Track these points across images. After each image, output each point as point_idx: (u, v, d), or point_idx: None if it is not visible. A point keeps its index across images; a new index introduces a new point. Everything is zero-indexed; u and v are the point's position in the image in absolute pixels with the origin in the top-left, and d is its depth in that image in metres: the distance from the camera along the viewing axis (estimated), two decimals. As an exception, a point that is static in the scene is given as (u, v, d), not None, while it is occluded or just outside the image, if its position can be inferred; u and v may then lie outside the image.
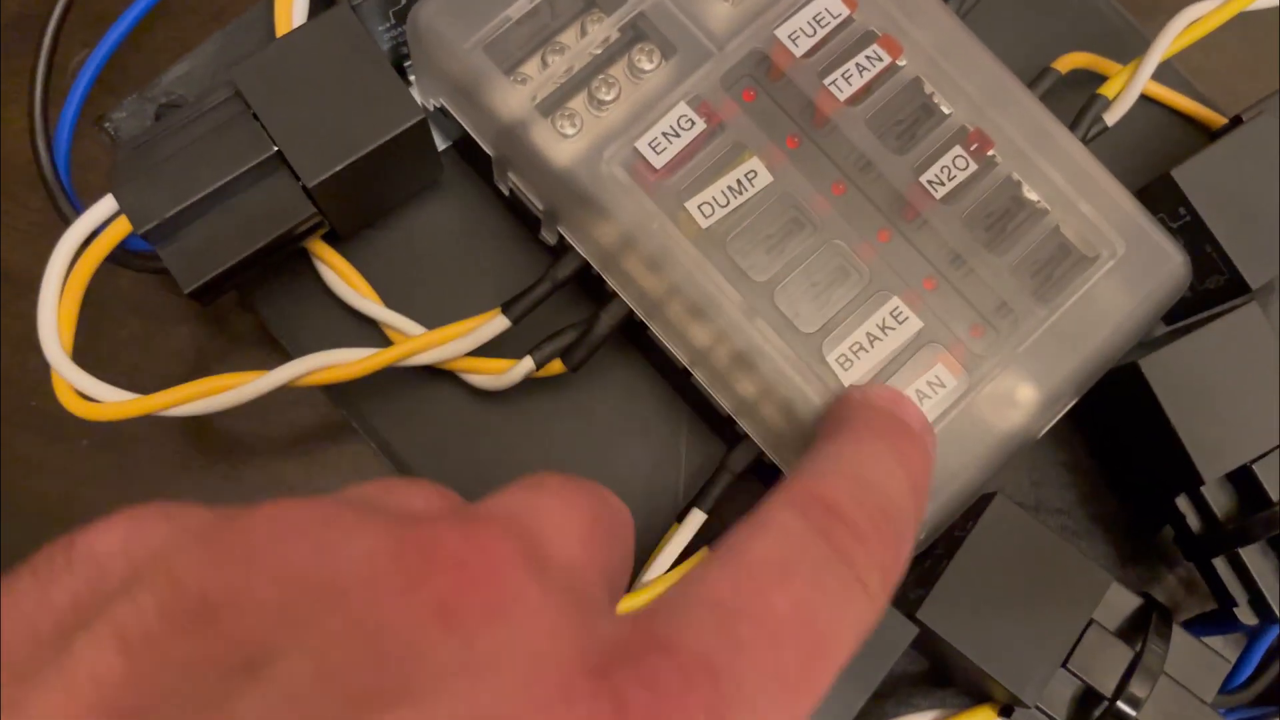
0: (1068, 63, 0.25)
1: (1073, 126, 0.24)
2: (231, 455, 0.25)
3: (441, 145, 0.24)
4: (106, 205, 0.20)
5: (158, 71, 0.25)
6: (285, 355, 0.24)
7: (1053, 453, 0.25)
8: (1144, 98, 0.25)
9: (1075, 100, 0.25)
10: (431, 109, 0.23)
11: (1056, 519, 0.24)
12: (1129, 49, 0.26)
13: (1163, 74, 0.25)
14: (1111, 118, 0.24)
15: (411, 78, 0.24)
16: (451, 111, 0.22)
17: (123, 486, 0.24)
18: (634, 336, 0.24)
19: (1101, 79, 0.25)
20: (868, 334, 0.21)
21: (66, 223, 0.21)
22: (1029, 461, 0.24)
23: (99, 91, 0.24)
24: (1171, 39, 0.24)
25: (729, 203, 0.21)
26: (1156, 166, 0.26)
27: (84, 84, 0.24)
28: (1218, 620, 0.23)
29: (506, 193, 0.23)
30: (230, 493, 0.24)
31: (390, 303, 0.24)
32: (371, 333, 0.24)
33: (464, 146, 0.24)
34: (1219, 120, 0.26)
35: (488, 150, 0.22)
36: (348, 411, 0.24)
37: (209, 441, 0.25)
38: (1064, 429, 0.24)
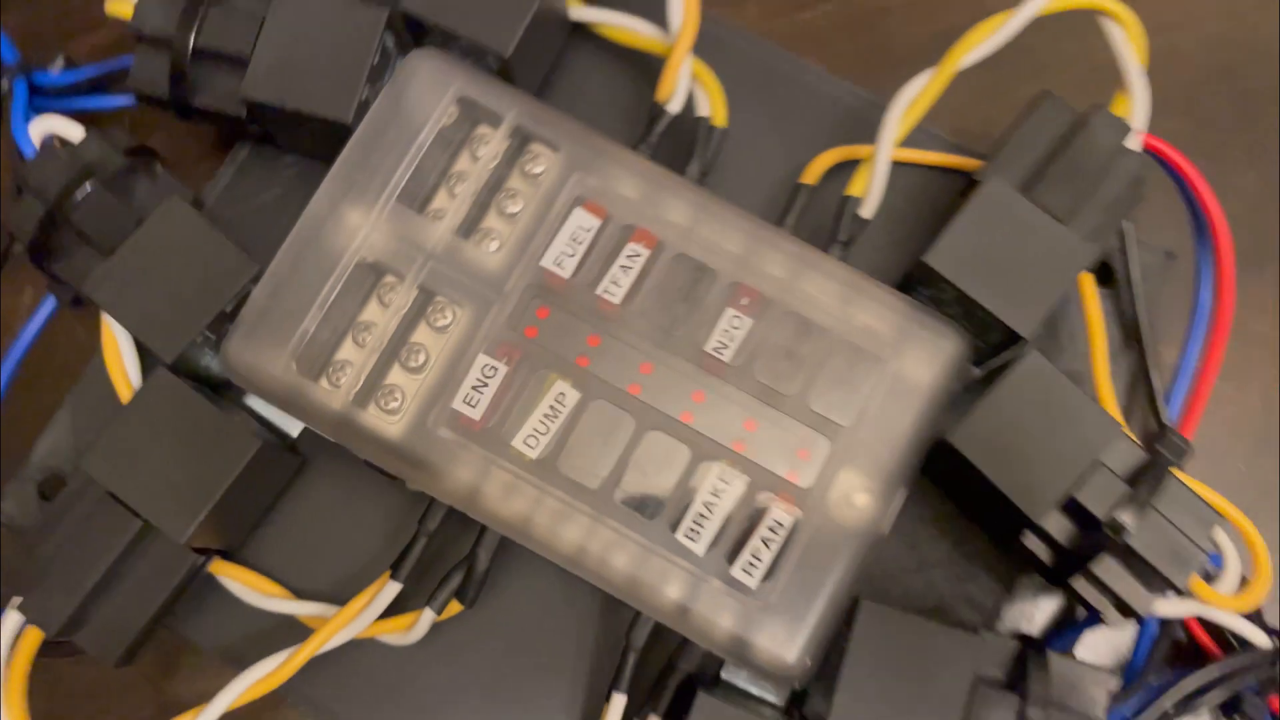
0: (817, 169, 0.27)
1: (835, 234, 0.26)
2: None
3: (297, 430, 0.26)
4: (13, 620, 0.23)
5: (29, 440, 0.27)
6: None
7: (916, 509, 0.27)
8: (898, 164, 0.27)
9: (839, 198, 0.27)
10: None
11: (940, 570, 0.27)
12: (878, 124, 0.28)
13: (913, 135, 0.27)
14: (868, 211, 0.26)
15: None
16: (288, 414, 0.24)
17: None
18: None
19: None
20: (704, 503, 0.23)
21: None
22: (899, 529, 0.27)
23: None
24: (895, 126, 0.26)
25: (548, 429, 0.23)
26: (932, 224, 0.28)
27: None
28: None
29: (364, 461, 0.26)
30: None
31: (299, 583, 0.26)
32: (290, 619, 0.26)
33: (316, 428, 0.26)
34: (974, 163, 0.28)
35: (331, 440, 0.24)
36: (291, 696, 0.26)
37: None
38: (918, 488, 0.26)
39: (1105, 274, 0.27)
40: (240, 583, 0.25)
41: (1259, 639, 0.25)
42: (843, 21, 0.32)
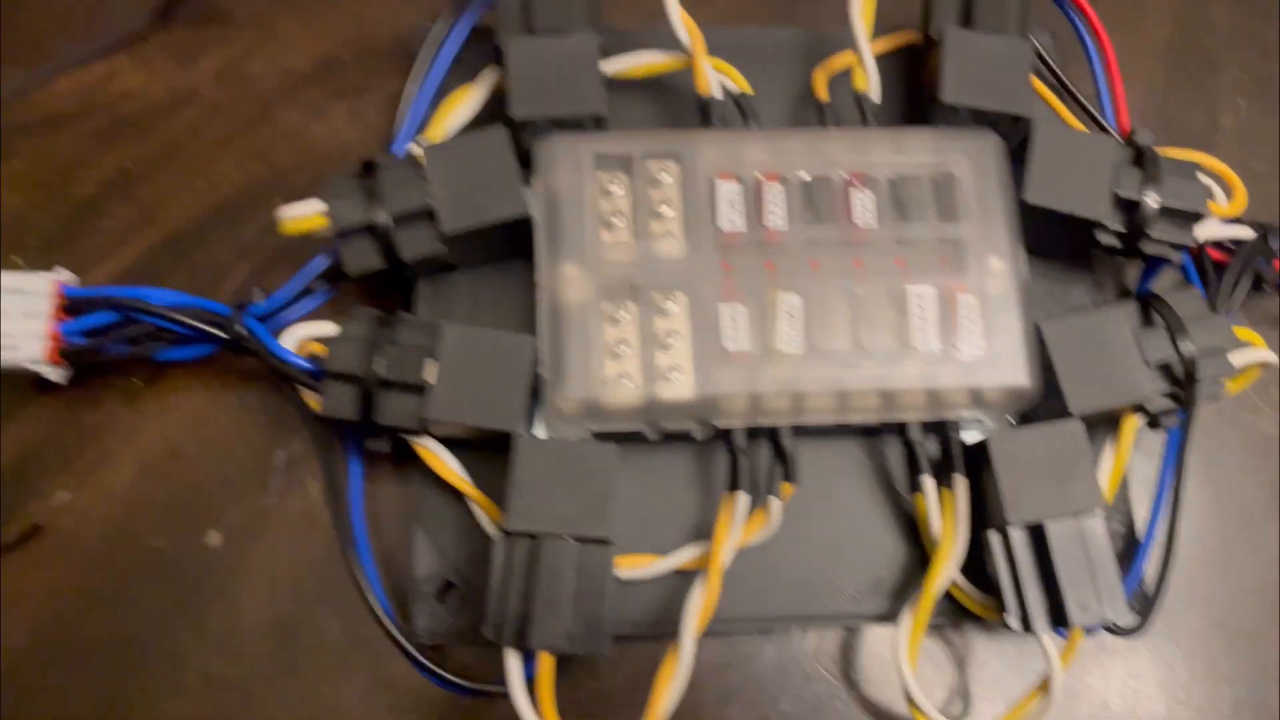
0: (820, 86, 0.36)
1: (864, 119, 0.35)
2: None
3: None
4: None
5: (402, 568, 0.33)
6: None
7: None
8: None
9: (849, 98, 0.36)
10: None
11: (1061, 286, 0.36)
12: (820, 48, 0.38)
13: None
14: (875, 96, 0.35)
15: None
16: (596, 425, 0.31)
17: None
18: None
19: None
20: (918, 315, 0.32)
21: None
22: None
23: None
24: (860, 20, 0.35)
25: (793, 327, 0.31)
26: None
27: None
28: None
29: (662, 433, 0.33)
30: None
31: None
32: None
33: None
34: (912, 35, 0.38)
35: (638, 428, 0.32)
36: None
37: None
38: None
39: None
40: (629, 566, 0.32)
41: (1247, 233, 0.37)
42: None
